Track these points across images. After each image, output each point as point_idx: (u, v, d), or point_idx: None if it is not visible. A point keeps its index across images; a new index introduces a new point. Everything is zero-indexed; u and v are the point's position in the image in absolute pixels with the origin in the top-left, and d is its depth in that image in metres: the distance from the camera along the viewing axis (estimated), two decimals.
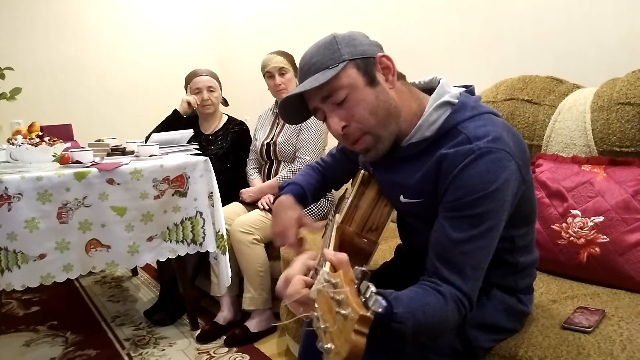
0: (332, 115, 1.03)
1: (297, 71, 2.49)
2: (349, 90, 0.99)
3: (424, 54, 2.46)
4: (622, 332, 1.09)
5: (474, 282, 0.93)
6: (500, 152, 0.94)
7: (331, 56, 1.00)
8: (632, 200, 1.37)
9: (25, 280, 1.81)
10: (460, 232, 0.93)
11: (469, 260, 0.92)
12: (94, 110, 3.65)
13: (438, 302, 0.88)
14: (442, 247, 0.94)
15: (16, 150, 1.96)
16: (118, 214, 1.95)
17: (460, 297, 0.91)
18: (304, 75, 1.04)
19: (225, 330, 2.25)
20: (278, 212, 1.27)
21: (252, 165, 2.67)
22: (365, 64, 1.01)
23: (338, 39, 1.02)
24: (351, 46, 1.01)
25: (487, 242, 0.94)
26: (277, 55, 2.47)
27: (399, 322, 0.80)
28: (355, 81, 1.00)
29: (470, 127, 0.98)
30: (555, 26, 1.93)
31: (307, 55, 1.05)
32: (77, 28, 3.58)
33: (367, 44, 1.03)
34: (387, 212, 1.17)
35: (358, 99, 1.00)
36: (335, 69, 0.99)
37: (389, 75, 1.03)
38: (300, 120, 1.17)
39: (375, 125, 1.01)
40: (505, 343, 1.13)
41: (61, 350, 2.21)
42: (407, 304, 0.83)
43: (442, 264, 0.93)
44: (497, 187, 0.92)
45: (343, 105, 1.01)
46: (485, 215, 0.93)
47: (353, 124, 1.02)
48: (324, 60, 1.00)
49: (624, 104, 1.49)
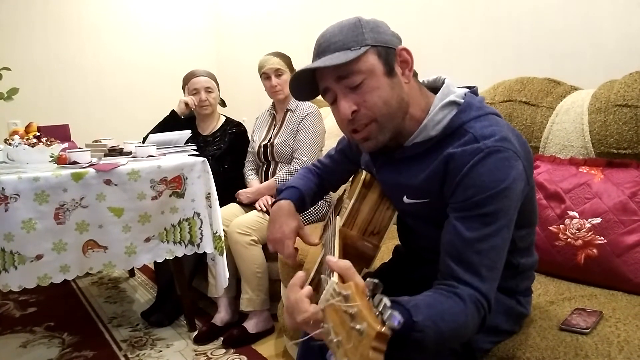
0: (344, 98, 1.00)
1: (293, 72, 2.50)
2: (365, 76, 0.97)
3: (422, 55, 2.45)
4: (620, 334, 1.09)
5: (491, 282, 0.91)
6: (508, 152, 0.93)
7: (354, 38, 0.98)
8: (630, 201, 1.38)
9: (22, 281, 1.80)
10: (473, 232, 0.91)
11: (484, 260, 0.90)
12: (91, 111, 3.64)
13: (457, 305, 0.85)
14: (455, 248, 0.92)
15: (13, 150, 1.96)
16: (115, 214, 1.95)
17: (478, 297, 0.88)
18: (321, 52, 1.00)
19: (223, 332, 2.25)
20: (277, 218, 1.25)
21: (250, 167, 2.67)
22: (387, 53, 0.99)
23: (363, 23, 1.00)
24: (376, 32, 0.99)
25: (501, 241, 0.93)
26: (274, 57, 2.47)
27: (419, 331, 0.77)
28: (374, 68, 0.98)
29: (477, 127, 0.98)
30: (552, 28, 1.94)
31: (328, 33, 1.01)
32: (75, 28, 3.57)
33: (390, 34, 1.02)
34: (389, 215, 1.16)
35: (374, 86, 0.98)
36: (357, 51, 0.96)
37: (406, 70, 1.02)
38: (306, 97, 1.12)
39: (384, 114, 0.99)
40: (503, 345, 1.13)
41: (58, 351, 2.20)
42: (426, 312, 0.79)
43: (457, 265, 0.91)
44: (507, 185, 0.92)
45: (357, 90, 0.98)
46: (496, 214, 0.92)
47: (363, 110, 0.99)
48: (346, 41, 0.98)
49: (621, 105, 1.49)
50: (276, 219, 1.25)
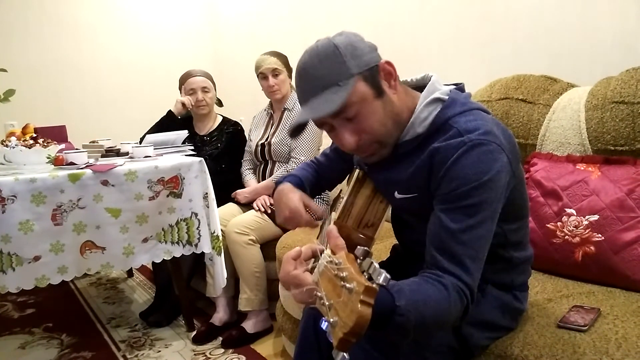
0: (344, 131, 1.01)
1: (290, 72, 2.49)
2: (359, 106, 0.98)
3: (418, 53, 2.47)
4: (618, 331, 1.10)
5: (475, 272, 0.93)
6: (491, 145, 0.95)
7: (338, 71, 0.96)
8: (627, 198, 1.38)
9: (20, 282, 1.80)
10: (457, 223, 0.93)
11: (468, 251, 0.92)
12: (88, 112, 3.63)
13: (440, 293, 0.88)
14: (440, 239, 0.94)
15: (10, 152, 1.95)
16: (113, 215, 1.95)
17: (462, 287, 0.90)
18: (307, 91, 0.99)
19: (221, 332, 2.25)
20: (280, 198, 1.26)
21: (247, 166, 2.66)
22: (372, 75, 0.99)
23: (341, 49, 0.96)
24: (356, 57, 0.97)
25: (484, 231, 0.95)
26: (271, 56, 2.46)
27: (401, 314, 0.79)
28: (365, 95, 0.98)
29: (461, 122, 0.99)
30: (549, 25, 1.94)
31: (309, 67, 0.99)
32: (71, 29, 3.56)
33: (367, 51, 1.00)
34: (382, 208, 1.17)
35: (368, 113, 0.99)
36: (346, 86, 0.95)
37: (392, 81, 1.03)
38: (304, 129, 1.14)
39: (384, 134, 1.02)
40: (501, 342, 1.13)
41: (56, 352, 2.20)
42: (409, 297, 0.81)
43: (441, 255, 0.93)
44: (490, 177, 0.93)
45: (353, 120, 0.99)
46: (480, 206, 0.93)
47: (364, 137, 1.01)
48: (331, 76, 0.96)
49: (618, 102, 1.49)
50: (280, 200, 1.26)
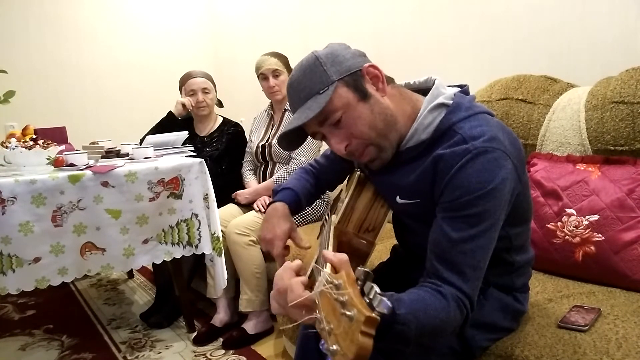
0: (332, 136, 1.03)
1: (290, 72, 2.49)
2: (343, 110, 0.99)
3: (418, 54, 2.47)
4: (618, 331, 1.10)
5: (474, 282, 0.93)
6: (496, 152, 0.94)
7: (319, 79, 0.99)
8: (627, 198, 1.38)
9: (20, 284, 1.80)
10: (459, 232, 0.92)
11: (469, 260, 0.92)
12: (88, 113, 3.63)
13: (440, 303, 0.87)
14: (441, 248, 0.94)
15: (10, 153, 1.95)
16: (113, 216, 1.95)
17: (461, 297, 0.90)
18: (295, 103, 1.03)
19: (222, 333, 2.25)
20: (270, 218, 1.26)
21: (248, 167, 2.66)
22: (354, 80, 1.00)
23: (322, 59, 1.00)
24: (336, 64, 0.99)
25: (486, 241, 0.94)
26: (271, 57, 2.46)
27: (402, 323, 0.79)
28: (348, 99, 0.99)
29: (466, 127, 0.98)
30: (549, 25, 1.94)
31: (294, 81, 1.03)
32: (71, 30, 3.56)
33: (350, 57, 1.01)
34: (383, 212, 1.17)
35: (354, 116, 0.99)
36: (326, 93, 0.97)
37: (379, 84, 1.02)
38: (298, 146, 1.14)
39: (376, 137, 1.01)
40: (502, 342, 1.13)
41: (57, 354, 2.20)
42: (409, 305, 0.81)
43: (441, 265, 0.92)
44: (494, 186, 0.92)
45: (340, 125, 1.00)
46: (483, 215, 0.93)
47: (354, 141, 1.02)
48: (312, 86, 0.99)
49: (618, 102, 1.49)
50: (269, 219, 1.26)
